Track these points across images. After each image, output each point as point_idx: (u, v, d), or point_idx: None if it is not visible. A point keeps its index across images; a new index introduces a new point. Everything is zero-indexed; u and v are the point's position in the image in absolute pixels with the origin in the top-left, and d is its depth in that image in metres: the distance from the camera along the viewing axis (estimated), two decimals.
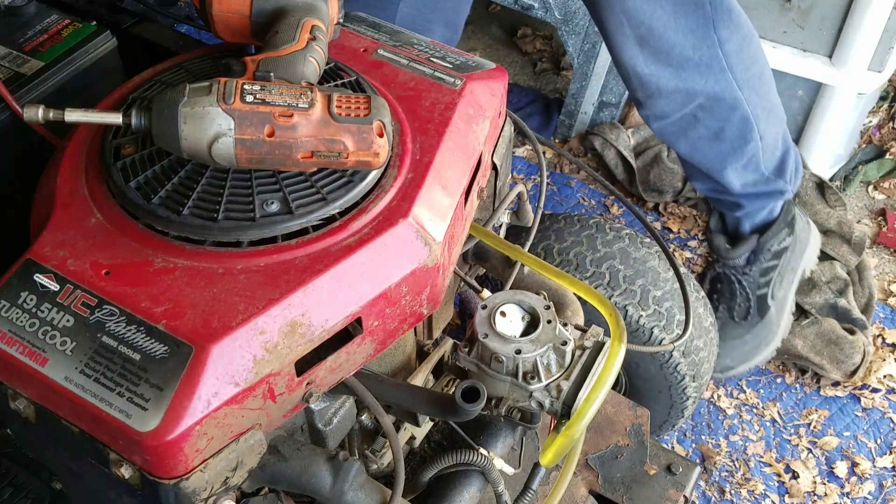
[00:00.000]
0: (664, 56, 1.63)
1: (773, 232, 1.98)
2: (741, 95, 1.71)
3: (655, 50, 1.62)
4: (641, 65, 1.64)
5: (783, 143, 1.89)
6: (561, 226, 1.72)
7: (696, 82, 1.67)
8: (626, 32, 1.61)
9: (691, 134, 1.77)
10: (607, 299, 1.08)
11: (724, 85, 1.69)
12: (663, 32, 1.60)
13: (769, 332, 2.06)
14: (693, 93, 1.69)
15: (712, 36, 1.62)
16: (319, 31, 1.00)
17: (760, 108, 1.76)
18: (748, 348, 2.06)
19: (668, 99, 1.70)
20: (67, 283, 0.89)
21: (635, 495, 1.41)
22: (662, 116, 1.75)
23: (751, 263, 2.00)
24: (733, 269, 2.03)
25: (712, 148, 1.80)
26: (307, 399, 0.95)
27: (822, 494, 1.98)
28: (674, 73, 1.65)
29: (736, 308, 2.05)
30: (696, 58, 1.64)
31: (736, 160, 1.82)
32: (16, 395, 0.90)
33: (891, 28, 2.20)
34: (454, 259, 1.08)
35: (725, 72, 1.67)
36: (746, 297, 2.03)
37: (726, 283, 2.06)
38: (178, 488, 0.86)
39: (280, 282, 0.89)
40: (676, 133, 1.78)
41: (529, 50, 2.96)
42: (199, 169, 0.94)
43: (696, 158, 1.84)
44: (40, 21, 1.28)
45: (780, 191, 1.94)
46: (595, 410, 1.00)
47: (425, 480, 1.14)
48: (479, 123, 1.10)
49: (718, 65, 1.65)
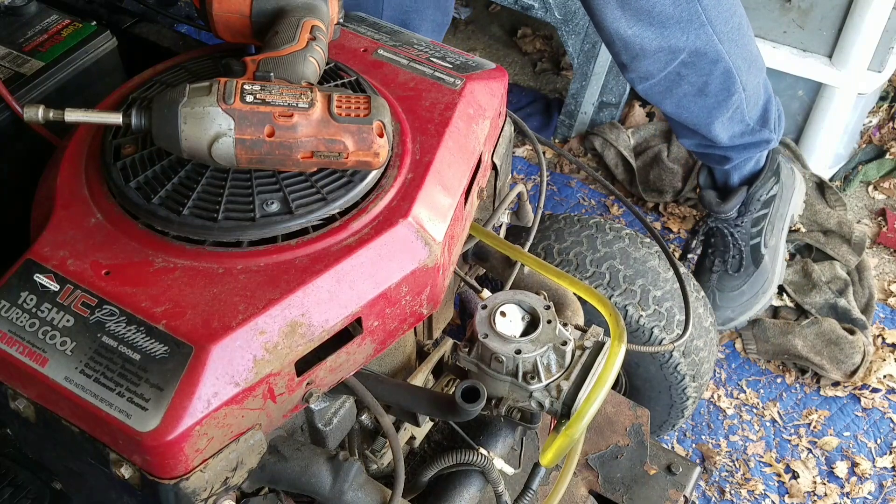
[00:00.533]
0: (646, 15, 1.65)
1: (762, 181, 2.03)
2: (722, 49, 1.73)
3: (636, 10, 1.64)
4: (624, 27, 1.66)
5: (764, 92, 1.92)
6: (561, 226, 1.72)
7: (678, 39, 1.69)
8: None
9: (676, 91, 1.80)
10: (607, 299, 1.08)
11: (705, 39, 1.71)
12: None
13: (765, 280, 2.11)
14: (676, 50, 1.71)
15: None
16: (319, 31, 1.00)
17: (741, 59, 1.79)
18: (746, 298, 2.12)
19: (652, 59, 1.72)
20: (67, 283, 0.89)
21: (635, 495, 1.41)
22: (647, 77, 1.77)
23: (742, 215, 2.05)
24: (725, 222, 2.07)
25: (697, 103, 1.82)
26: (307, 399, 0.95)
27: (822, 494, 1.98)
28: (656, 31, 1.68)
29: (730, 260, 2.10)
30: (676, 14, 1.66)
31: (721, 113, 1.84)
32: (16, 395, 0.90)
33: (891, 28, 2.20)
34: (454, 259, 1.08)
35: (706, 26, 1.69)
36: (739, 248, 2.08)
37: (719, 236, 2.10)
38: (178, 488, 0.86)
39: (280, 282, 0.89)
40: (662, 92, 1.81)
41: (529, 50, 2.96)
42: (199, 169, 0.94)
43: (682, 115, 1.86)
44: (40, 21, 1.28)
45: (765, 140, 1.96)
46: (595, 410, 1.00)
47: (425, 480, 1.14)
48: (479, 123, 1.10)
49: (698, 19, 1.67)
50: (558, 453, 1.03)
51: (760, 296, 2.13)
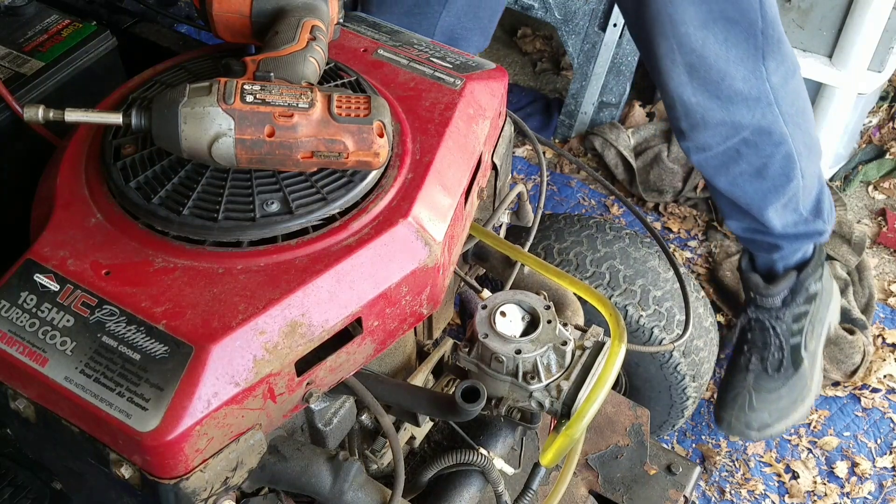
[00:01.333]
0: (713, 87, 1.58)
1: (812, 268, 1.88)
2: (787, 131, 1.65)
3: (705, 80, 1.57)
4: (689, 94, 1.59)
5: (818, 181, 1.82)
6: (561, 226, 1.72)
7: (744, 115, 1.61)
8: (675, 59, 1.56)
9: (733, 169, 1.70)
10: (607, 299, 1.08)
11: (771, 119, 1.63)
12: (714, 62, 1.55)
13: (804, 387, 1.95)
14: (739, 126, 1.63)
15: (761, 68, 1.57)
16: (319, 31, 1.00)
17: (803, 144, 1.70)
18: (785, 403, 1.94)
19: (712, 131, 1.64)
20: (67, 283, 0.89)
21: (635, 495, 1.41)
22: (704, 149, 1.68)
23: (786, 305, 1.89)
24: (768, 311, 1.90)
25: (753, 185, 1.73)
26: (307, 399, 0.95)
27: (822, 494, 1.98)
28: (722, 104, 1.60)
29: (770, 358, 1.92)
30: (745, 90, 1.58)
31: (777, 199, 1.75)
32: (16, 395, 0.90)
33: (891, 28, 2.20)
34: (454, 259, 1.08)
35: (773, 106, 1.62)
36: (780, 345, 1.91)
37: (758, 330, 1.93)
38: (178, 488, 0.86)
39: (280, 282, 0.89)
40: (717, 167, 1.71)
41: (529, 50, 2.96)
42: (199, 169, 0.94)
43: (735, 195, 1.76)
44: (40, 21, 1.28)
45: (818, 231, 1.85)
46: (595, 410, 1.00)
47: (425, 480, 1.14)
48: (479, 123, 1.10)
49: (766, 98, 1.60)
50: (558, 453, 1.03)
51: (799, 404, 1.94)
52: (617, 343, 1.03)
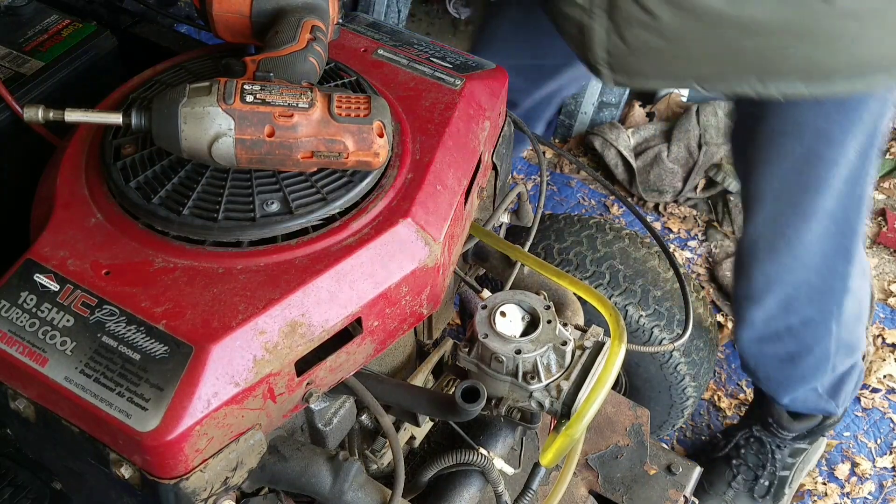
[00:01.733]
0: (787, 269, 1.54)
1: (834, 421, 1.87)
2: (834, 329, 1.62)
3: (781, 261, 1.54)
4: (759, 263, 1.56)
5: (851, 368, 1.76)
6: (561, 226, 1.72)
7: (802, 304, 1.58)
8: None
9: (766, 349, 1.70)
10: (607, 299, 1.08)
11: (825, 316, 1.60)
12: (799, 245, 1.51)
13: None
14: (791, 311, 1.60)
15: (839, 268, 1.54)
16: (319, 31, 1.00)
17: (844, 344, 1.68)
18: None
19: (763, 309, 1.62)
20: (67, 283, 0.89)
21: (635, 495, 1.41)
22: (749, 322, 1.66)
23: (799, 438, 1.88)
24: (777, 437, 1.88)
25: (781, 369, 1.72)
26: (307, 399, 0.95)
27: (822, 494, 1.98)
28: (786, 289, 1.57)
29: (760, 482, 1.90)
30: (817, 283, 1.55)
31: (798, 387, 1.74)
32: (16, 395, 0.90)
33: None
34: (454, 259, 1.08)
35: (831, 305, 1.59)
36: (773, 472, 1.89)
37: (757, 450, 1.90)
38: (178, 488, 0.86)
39: (280, 282, 0.89)
40: (752, 341, 1.70)
41: None
42: (199, 169, 0.94)
43: (758, 368, 1.76)
44: (40, 21, 1.28)
45: (828, 412, 1.82)
46: (595, 410, 1.00)
47: (425, 480, 1.14)
48: (479, 123, 1.10)
49: (832, 297, 1.58)
50: (558, 453, 1.03)
51: None
52: (617, 343, 1.03)
